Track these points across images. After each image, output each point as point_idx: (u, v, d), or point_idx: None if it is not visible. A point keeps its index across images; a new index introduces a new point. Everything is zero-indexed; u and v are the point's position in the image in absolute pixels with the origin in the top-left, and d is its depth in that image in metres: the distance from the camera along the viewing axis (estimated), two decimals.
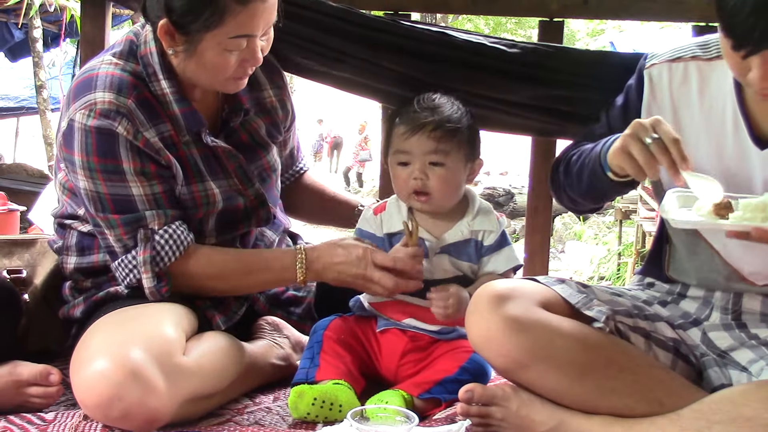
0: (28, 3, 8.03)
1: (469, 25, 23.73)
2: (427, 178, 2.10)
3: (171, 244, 2.06)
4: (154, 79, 2.09)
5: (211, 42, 1.98)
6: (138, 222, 2.04)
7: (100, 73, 2.06)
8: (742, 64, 1.63)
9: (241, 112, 2.22)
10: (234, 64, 2.02)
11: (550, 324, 1.75)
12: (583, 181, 1.90)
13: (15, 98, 12.83)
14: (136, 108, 2.03)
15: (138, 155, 2.02)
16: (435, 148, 2.09)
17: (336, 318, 2.20)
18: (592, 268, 9.76)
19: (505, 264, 2.16)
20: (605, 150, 1.77)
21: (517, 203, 13.21)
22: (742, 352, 1.83)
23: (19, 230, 5.67)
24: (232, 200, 2.20)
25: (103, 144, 2.00)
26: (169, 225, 2.06)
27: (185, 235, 2.08)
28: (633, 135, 1.67)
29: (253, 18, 1.96)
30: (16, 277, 2.32)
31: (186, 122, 2.10)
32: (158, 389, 1.78)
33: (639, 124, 1.68)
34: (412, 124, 2.11)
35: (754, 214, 1.59)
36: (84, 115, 2.00)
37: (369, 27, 2.49)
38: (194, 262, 2.10)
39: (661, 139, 1.64)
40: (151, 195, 2.04)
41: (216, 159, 2.18)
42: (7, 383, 1.96)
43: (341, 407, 1.90)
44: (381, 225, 2.21)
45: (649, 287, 2.07)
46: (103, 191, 2.02)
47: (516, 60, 2.47)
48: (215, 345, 2.04)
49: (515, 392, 1.81)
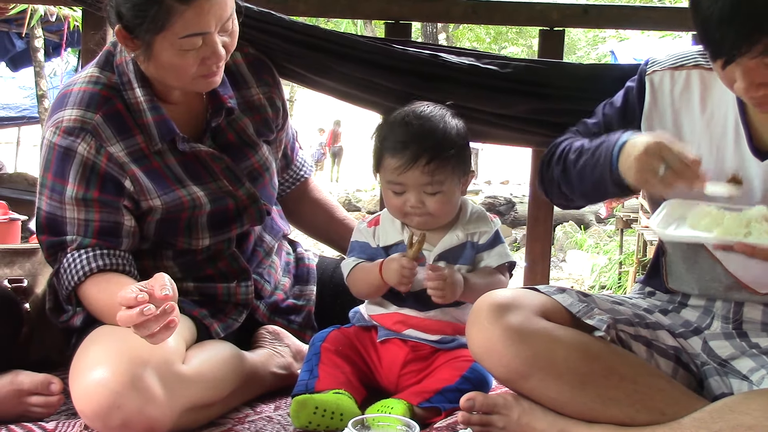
0: (29, 13, 8.05)
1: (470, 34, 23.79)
2: (423, 206, 2.08)
3: (71, 269, 2.01)
4: (129, 88, 2.10)
5: (163, 44, 1.96)
6: (60, 246, 2.06)
7: (74, 89, 2.10)
8: (728, 75, 1.64)
9: (223, 111, 2.20)
10: (193, 62, 2.00)
11: (550, 333, 1.75)
12: (585, 183, 1.89)
13: (16, 108, 12.86)
14: (103, 123, 2.05)
15: (86, 180, 2.04)
16: (430, 180, 2.06)
17: (333, 330, 2.20)
18: (594, 277, 9.77)
19: (497, 259, 2.15)
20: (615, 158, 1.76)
21: (518, 212, 13.22)
22: (742, 360, 1.83)
23: (20, 239, 5.67)
24: (220, 201, 2.20)
25: (59, 163, 2.04)
26: (80, 250, 2.03)
27: (91, 261, 2.01)
28: (643, 169, 1.67)
29: (201, 15, 1.94)
30: (17, 287, 2.32)
31: (158, 131, 2.10)
32: (157, 398, 1.78)
33: (644, 156, 1.66)
34: (403, 158, 2.04)
35: (737, 230, 1.60)
36: (51, 132, 2.05)
37: (361, 50, 2.50)
38: (88, 290, 2.01)
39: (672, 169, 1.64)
40: (84, 221, 2.05)
41: (199, 163, 2.18)
42: (8, 392, 1.96)
43: (342, 416, 1.89)
44: (374, 237, 2.20)
45: (650, 296, 2.07)
46: (43, 209, 2.07)
47: (510, 78, 2.48)
48: (215, 354, 2.04)
49: (516, 401, 1.81)
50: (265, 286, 2.37)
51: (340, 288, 2.35)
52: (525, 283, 2.86)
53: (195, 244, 2.21)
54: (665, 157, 1.65)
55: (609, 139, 1.81)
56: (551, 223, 2.98)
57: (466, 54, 2.57)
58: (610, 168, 1.77)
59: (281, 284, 2.45)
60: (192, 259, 2.24)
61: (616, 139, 1.78)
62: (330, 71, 2.54)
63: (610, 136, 1.82)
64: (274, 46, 2.41)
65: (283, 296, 2.44)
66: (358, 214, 14.59)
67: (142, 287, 1.70)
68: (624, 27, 3.17)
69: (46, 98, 9.25)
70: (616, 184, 1.78)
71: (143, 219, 2.15)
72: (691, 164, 1.65)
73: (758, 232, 1.59)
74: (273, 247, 2.43)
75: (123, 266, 2.05)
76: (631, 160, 1.70)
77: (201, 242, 2.21)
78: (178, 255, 2.23)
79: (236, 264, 2.29)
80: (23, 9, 7.86)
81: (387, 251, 2.17)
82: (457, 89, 2.47)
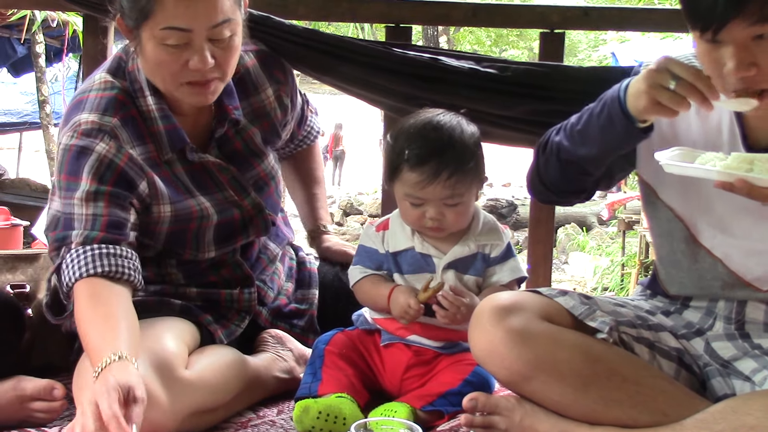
0: (30, 18, 8.06)
1: (471, 37, 23.80)
2: (443, 217, 2.06)
3: (73, 265, 1.92)
4: (140, 95, 2.09)
5: (148, 33, 1.96)
6: (64, 240, 1.99)
7: (90, 96, 2.09)
8: (717, 60, 1.60)
9: (226, 122, 2.19)
10: (174, 61, 1.97)
11: (552, 336, 1.75)
12: (590, 134, 1.82)
13: (18, 113, 12.85)
14: (120, 126, 2.04)
15: (100, 175, 1.99)
16: (452, 194, 2.04)
17: (337, 332, 2.20)
18: (596, 279, 9.77)
19: (509, 275, 2.15)
20: (623, 93, 1.71)
21: (520, 214, 13.22)
22: (745, 361, 1.82)
23: (22, 245, 5.67)
24: (227, 212, 2.20)
25: (74, 162, 2.01)
26: (86, 245, 1.95)
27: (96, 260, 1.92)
28: (653, 85, 1.63)
29: (184, 9, 1.92)
30: (19, 292, 2.32)
31: (169, 140, 2.10)
32: (160, 403, 1.78)
33: (653, 72, 1.63)
34: (424, 174, 2.01)
35: (740, 165, 1.57)
36: (68, 136, 2.03)
37: (361, 53, 2.51)
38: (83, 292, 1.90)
39: (684, 79, 1.60)
40: (92, 215, 1.98)
41: (207, 173, 2.18)
42: (11, 398, 1.97)
43: (345, 420, 1.89)
44: (383, 242, 2.19)
45: (652, 297, 2.06)
46: (54, 208, 2.06)
47: (510, 81, 2.48)
48: (218, 358, 2.04)
49: (519, 403, 1.81)
50: (268, 292, 2.38)
51: (342, 291, 2.35)
52: (527, 285, 2.85)
53: (201, 256, 2.21)
54: (675, 70, 1.61)
55: (612, 89, 1.77)
56: (553, 225, 2.98)
57: (466, 57, 2.58)
58: (619, 105, 1.71)
59: (284, 289, 2.46)
60: (196, 266, 2.24)
61: (621, 84, 1.74)
62: (331, 71, 2.54)
63: (619, 84, 1.77)
64: (275, 47, 2.41)
65: (287, 301, 2.44)
66: (359, 217, 14.61)
67: None
68: (624, 29, 3.17)
69: (48, 104, 9.26)
70: (625, 125, 1.72)
71: (152, 228, 2.13)
72: (702, 76, 1.61)
73: (760, 169, 1.56)
74: (277, 255, 2.43)
75: (126, 270, 1.94)
76: (639, 83, 1.66)
77: (207, 254, 2.21)
78: (182, 263, 2.23)
79: (240, 271, 2.29)
80: (24, 15, 7.87)
81: (395, 257, 2.16)
82: (458, 91, 2.47)
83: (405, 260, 2.15)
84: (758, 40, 1.56)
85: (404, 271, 2.15)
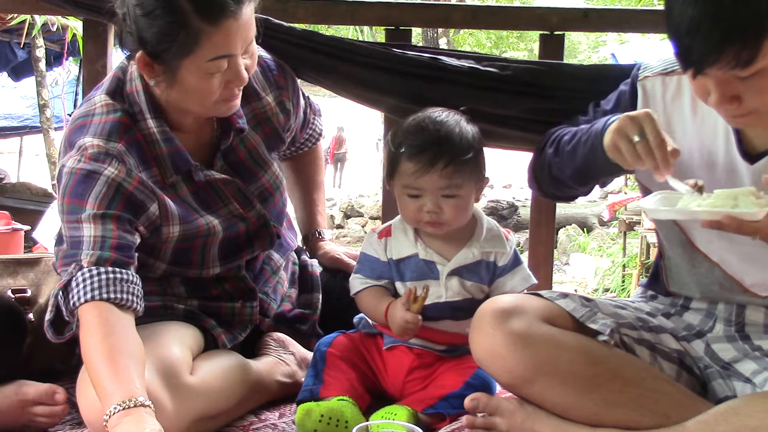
0: (30, 23, 8.07)
1: (471, 39, 23.80)
2: (441, 211, 2.05)
3: (84, 286, 1.85)
4: (141, 119, 2.05)
5: (189, 68, 1.92)
6: (74, 257, 1.91)
7: (93, 120, 2.03)
8: (701, 87, 1.60)
9: (231, 132, 2.17)
10: (218, 86, 1.96)
11: (554, 338, 1.75)
12: (577, 158, 1.87)
13: (18, 117, 12.87)
14: (126, 151, 1.99)
15: (108, 199, 1.93)
16: (448, 184, 2.03)
17: (339, 335, 2.19)
18: (597, 280, 9.76)
19: (521, 283, 2.14)
20: (607, 126, 1.74)
21: (520, 216, 13.21)
22: (745, 363, 1.82)
23: (23, 249, 5.68)
24: (233, 227, 2.18)
25: (79, 186, 1.94)
26: (99, 266, 1.87)
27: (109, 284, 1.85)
28: (620, 131, 1.66)
29: (228, 37, 1.90)
30: (20, 297, 2.32)
31: (173, 162, 2.06)
32: (165, 409, 1.78)
33: (628, 119, 1.66)
34: (420, 162, 2.01)
35: (724, 202, 1.58)
36: (75, 159, 1.96)
37: (360, 54, 2.51)
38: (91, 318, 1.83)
39: (647, 141, 1.63)
40: (100, 237, 1.91)
41: (212, 190, 2.16)
42: (13, 402, 1.97)
43: (347, 423, 1.89)
44: (385, 249, 2.18)
45: (652, 299, 2.07)
46: (64, 232, 1.97)
47: (510, 80, 2.48)
48: (222, 364, 2.04)
49: (520, 404, 1.81)
50: (271, 304, 2.37)
51: (343, 294, 2.35)
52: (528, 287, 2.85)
53: (206, 273, 2.20)
54: (646, 127, 1.63)
55: (608, 117, 1.80)
56: (554, 227, 2.98)
57: (466, 57, 2.58)
58: (601, 137, 1.75)
59: (288, 295, 2.45)
60: (200, 281, 2.23)
61: (611, 116, 1.77)
62: (331, 72, 2.54)
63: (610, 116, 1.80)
64: (274, 48, 2.40)
65: (290, 307, 2.43)
66: (360, 219, 14.59)
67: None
68: (624, 30, 3.17)
69: (48, 108, 9.28)
70: (603, 158, 1.75)
71: (159, 246, 2.10)
72: (669, 149, 1.63)
73: (745, 203, 1.56)
74: (281, 266, 2.42)
75: (132, 298, 1.88)
76: (615, 122, 1.69)
77: (212, 270, 2.20)
78: (186, 279, 2.22)
79: (243, 284, 2.28)
80: (24, 19, 7.88)
81: (398, 265, 2.15)
82: (460, 89, 2.47)
83: (408, 267, 2.14)
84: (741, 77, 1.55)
85: (407, 279, 2.13)
